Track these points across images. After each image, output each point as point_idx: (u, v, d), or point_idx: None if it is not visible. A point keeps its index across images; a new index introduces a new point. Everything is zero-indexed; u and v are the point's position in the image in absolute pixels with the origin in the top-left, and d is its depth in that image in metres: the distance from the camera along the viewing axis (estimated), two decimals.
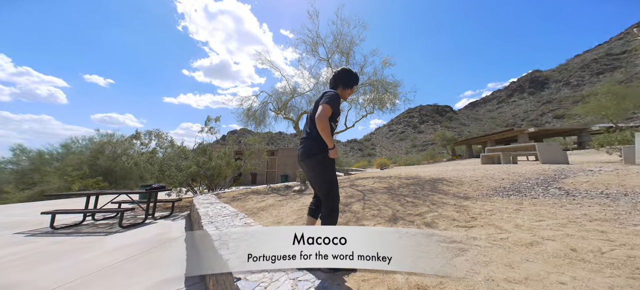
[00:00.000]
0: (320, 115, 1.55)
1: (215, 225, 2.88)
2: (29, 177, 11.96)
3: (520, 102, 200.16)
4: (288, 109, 8.28)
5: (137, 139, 7.12)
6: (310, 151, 1.67)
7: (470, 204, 3.20)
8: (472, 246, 1.83)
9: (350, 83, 1.81)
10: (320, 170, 1.66)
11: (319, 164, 1.66)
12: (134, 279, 2.48)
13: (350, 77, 1.80)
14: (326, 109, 1.57)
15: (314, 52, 7.50)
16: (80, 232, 4.47)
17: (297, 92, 8.20)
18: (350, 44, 7.20)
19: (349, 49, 7.19)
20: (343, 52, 7.23)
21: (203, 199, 5.57)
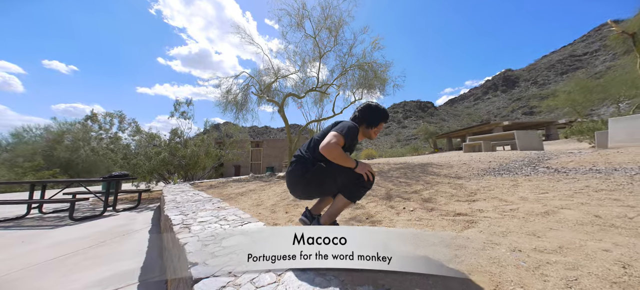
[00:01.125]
0: (330, 145, 1.21)
1: (180, 210, 2.43)
2: None
3: (494, 99, 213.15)
4: (272, 93, 7.72)
5: (93, 122, 6.15)
6: (304, 167, 1.33)
7: (464, 182, 3.03)
8: (481, 218, 1.59)
9: (376, 120, 1.42)
10: (325, 176, 1.30)
11: (319, 172, 1.30)
12: (74, 275, 2.00)
13: (378, 114, 1.41)
14: (337, 138, 1.24)
15: (299, 26, 6.93)
16: (22, 225, 3.76)
17: (280, 74, 7.65)
18: (340, 20, 6.74)
19: (338, 25, 6.74)
20: (331, 29, 6.75)
21: (175, 188, 4.98)
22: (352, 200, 1.29)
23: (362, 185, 1.27)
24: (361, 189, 1.28)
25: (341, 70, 7.42)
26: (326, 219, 1.32)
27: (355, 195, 1.28)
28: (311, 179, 1.30)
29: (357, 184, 1.26)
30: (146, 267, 2.14)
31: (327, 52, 7.27)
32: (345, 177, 1.27)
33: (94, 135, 6.09)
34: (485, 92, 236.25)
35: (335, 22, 6.74)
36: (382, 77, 7.31)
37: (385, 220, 1.73)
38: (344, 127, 1.30)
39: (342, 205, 1.30)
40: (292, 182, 1.39)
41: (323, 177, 1.30)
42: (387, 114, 1.45)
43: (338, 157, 1.22)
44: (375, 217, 1.83)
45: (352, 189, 1.27)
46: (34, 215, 4.52)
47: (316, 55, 7.26)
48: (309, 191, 1.37)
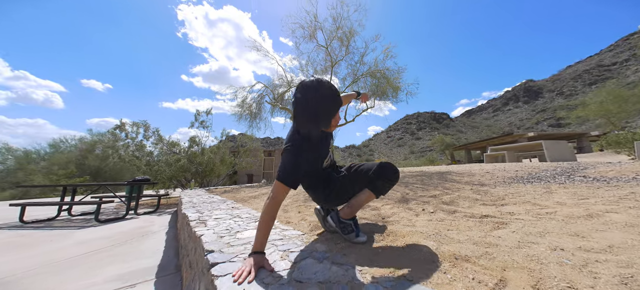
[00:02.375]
0: (272, 198, 0.99)
1: (196, 208, 2.48)
2: (14, 176, 11.36)
3: (515, 110, 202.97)
4: (285, 101, 7.91)
5: (122, 131, 6.63)
6: (328, 182, 1.27)
7: (489, 189, 2.84)
8: (512, 220, 1.45)
9: (335, 108, 1.06)
10: (352, 181, 1.23)
11: (346, 181, 1.24)
12: (97, 270, 2.07)
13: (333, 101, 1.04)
14: (279, 191, 1.00)
15: (312, 37, 7.16)
16: (52, 226, 4.01)
17: (293, 84, 7.86)
18: (351, 30, 6.89)
19: (349, 35, 6.87)
20: (343, 38, 6.90)
21: (191, 192, 5.14)
22: (377, 194, 1.21)
23: (389, 178, 1.16)
24: (388, 183, 1.18)
25: (353, 78, 7.49)
26: (348, 212, 1.25)
27: (381, 190, 1.20)
28: (341, 190, 1.24)
29: (384, 176, 1.15)
30: (163, 265, 2.17)
31: (338, 61, 7.41)
32: (374, 172, 1.16)
33: (122, 143, 6.55)
34: (505, 103, 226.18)
35: (346, 33, 6.90)
36: (395, 84, 7.25)
37: (403, 220, 1.63)
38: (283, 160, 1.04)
39: (365, 198, 1.22)
40: (323, 198, 1.29)
41: (346, 185, 1.24)
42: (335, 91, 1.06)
43: (261, 228, 0.97)
44: (391, 217, 1.74)
45: (382, 183, 1.17)
46: (64, 217, 4.82)
47: (328, 65, 7.41)
48: (334, 201, 1.29)
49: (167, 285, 1.78)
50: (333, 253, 1.05)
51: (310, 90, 0.99)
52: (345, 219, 1.25)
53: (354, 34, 7.03)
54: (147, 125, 6.81)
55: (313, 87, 1.00)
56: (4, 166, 12.64)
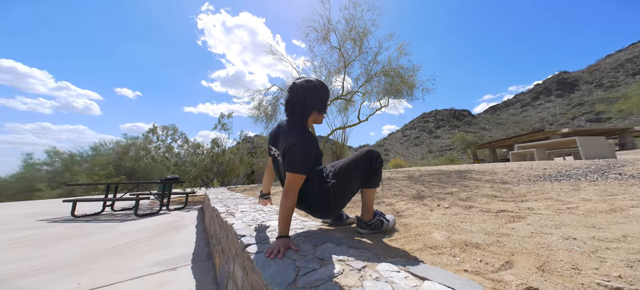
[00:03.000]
0: (289, 191, 1.07)
1: (223, 203, 2.71)
2: (61, 177, 12.82)
3: (547, 105, 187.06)
4: None
5: (154, 134, 7.31)
6: (322, 198, 1.24)
7: (511, 187, 2.76)
8: (529, 215, 1.46)
9: (326, 99, 1.22)
10: (344, 185, 1.23)
11: (337, 189, 1.23)
12: (142, 254, 2.37)
13: (324, 93, 1.19)
14: (297, 180, 1.08)
15: (325, 39, 7.30)
16: (98, 220, 4.52)
17: None
18: (364, 30, 6.92)
19: (363, 35, 6.91)
20: (356, 39, 6.95)
21: (215, 190, 5.49)
22: (376, 186, 1.30)
23: (377, 168, 1.24)
24: (378, 172, 1.27)
25: (366, 77, 7.50)
26: (368, 214, 1.29)
27: (377, 181, 1.29)
28: (336, 199, 1.24)
29: (371, 169, 1.23)
30: (196, 253, 2.41)
31: (351, 62, 7.46)
32: (362, 170, 1.23)
33: (153, 146, 7.19)
34: (535, 97, 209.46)
35: (359, 33, 6.95)
36: (410, 81, 7.14)
37: (417, 214, 1.70)
38: (300, 157, 1.08)
39: (371, 195, 1.31)
40: (324, 213, 1.33)
41: (345, 188, 1.24)
42: (327, 86, 1.23)
43: (286, 209, 1.07)
44: (405, 212, 1.81)
45: (373, 177, 1.26)
46: (108, 212, 5.39)
47: (341, 66, 7.50)
48: (337, 210, 1.33)
49: (202, 269, 2.00)
50: (350, 239, 1.17)
51: (302, 85, 1.17)
52: (371, 220, 1.28)
53: (367, 34, 7.05)
54: (175, 128, 7.43)
55: (304, 81, 1.18)
56: (53, 168, 14.26)
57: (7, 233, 3.48)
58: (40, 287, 1.73)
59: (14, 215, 5.26)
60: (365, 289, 0.69)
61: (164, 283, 1.82)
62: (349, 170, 1.23)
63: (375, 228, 1.28)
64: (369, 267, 0.84)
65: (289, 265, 0.88)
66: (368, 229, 1.28)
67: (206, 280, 1.86)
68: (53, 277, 1.88)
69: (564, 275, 0.73)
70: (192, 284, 1.77)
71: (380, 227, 1.28)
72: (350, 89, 8.44)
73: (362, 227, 1.30)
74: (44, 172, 13.37)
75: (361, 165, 1.22)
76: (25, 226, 3.95)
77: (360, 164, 1.22)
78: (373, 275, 0.77)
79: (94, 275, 1.91)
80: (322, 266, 0.86)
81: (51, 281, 1.80)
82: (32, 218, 4.77)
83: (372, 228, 1.28)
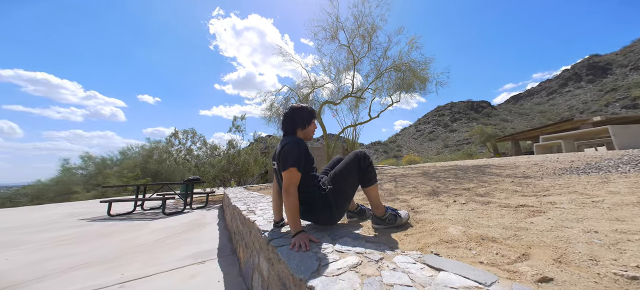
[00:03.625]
0: (288, 189, 1.18)
1: (243, 202, 2.87)
2: (94, 179, 13.93)
3: (576, 91, 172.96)
4: (309, 102, 8.21)
5: (175, 137, 7.78)
6: (321, 203, 1.31)
7: (534, 181, 2.67)
8: (551, 209, 1.44)
9: (308, 117, 1.40)
10: (342, 189, 1.31)
11: (334, 194, 1.31)
12: (174, 249, 2.59)
13: (306, 113, 1.40)
14: (293, 175, 1.19)
15: (334, 38, 7.30)
16: (131, 218, 4.91)
17: (317, 85, 8.09)
18: (373, 26, 6.83)
19: (371, 31, 6.82)
20: (365, 35, 6.88)
21: (233, 190, 5.74)
22: (375, 181, 1.36)
23: (366, 166, 1.33)
24: (371, 168, 1.34)
25: (376, 74, 7.41)
26: (379, 210, 1.35)
27: (373, 177, 1.35)
28: (337, 203, 1.31)
29: (361, 168, 1.32)
30: (221, 248, 2.58)
31: (361, 59, 7.40)
32: (354, 171, 1.31)
33: (175, 149, 7.65)
34: (562, 84, 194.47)
35: (368, 29, 6.86)
36: (422, 75, 6.95)
37: (433, 210, 1.71)
38: (291, 155, 1.21)
39: (375, 192, 1.37)
40: (320, 221, 1.37)
41: (341, 191, 1.31)
42: (314, 111, 1.45)
43: (291, 208, 1.15)
44: (420, 208, 1.83)
45: (368, 175, 1.33)
46: (138, 211, 5.82)
47: (350, 63, 7.46)
48: (340, 214, 1.37)
49: (228, 262, 2.16)
50: (366, 234, 1.23)
51: (291, 108, 1.43)
52: (384, 215, 1.34)
53: (376, 30, 6.96)
54: (194, 132, 7.84)
55: (292, 106, 1.44)
56: (87, 171, 15.50)
57: (54, 231, 3.89)
58: (86, 278, 1.96)
59: (58, 215, 5.84)
60: (384, 278, 0.75)
61: (195, 275, 1.99)
62: (342, 174, 1.33)
63: (389, 223, 1.33)
64: (386, 258, 0.90)
65: (311, 257, 0.96)
66: (382, 224, 1.33)
67: (232, 272, 2.01)
68: (96, 270, 2.11)
69: (581, 266, 0.75)
70: (220, 276, 1.92)
71: (394, 221, 1.33)
72: (360, 86, 8.40)
73: (376, 223, 1.36)
74: (79, 175, 14.61)
75: (351, 167, 1.32)
76: (69, 225, 4.38)
77: (351, 166, 1.32)
78: (390, 266, 0.83)
79: (134, 268, 2.12)
80: (342, 258, 0.93)
81: (95, 274, 2.03)
82: (74, 217, 5.28)
83: (386, 223, 1.33)
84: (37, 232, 3.89)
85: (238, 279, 1.86)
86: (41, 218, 5.51)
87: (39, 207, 8.48)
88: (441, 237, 1.11)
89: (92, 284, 1.85)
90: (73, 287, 1.82)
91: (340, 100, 8.22)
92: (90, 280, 1.92)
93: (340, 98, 8.27)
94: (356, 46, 7.23)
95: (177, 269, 2.09)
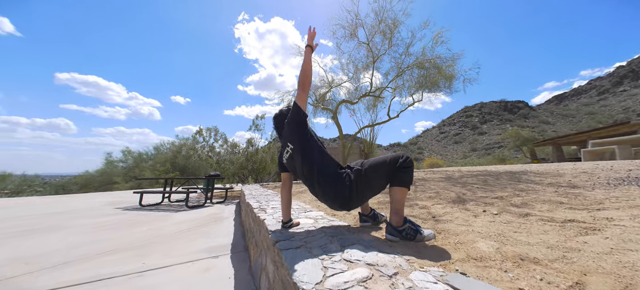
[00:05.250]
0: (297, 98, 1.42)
1: (256, 199, 2.88)
2: (132, 172, 15.35)
3: (634, 91, 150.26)
4: (326, 102, 8.10)
5: (200, 135, 8.24)
6: (342, 184, 1.27)
7: (583, 192, 2.30)
8: (608, 226, 1.19)
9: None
10: (369, 177, 1.25)
11: (361, 177, 1.26)
12: (192, 242, 2.69)
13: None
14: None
15: (353, 36, 7.07)
16: (159, 209, 5.26)
17: (334, 84, 7.94)
18: (394, 21, 6.48)
19: (393, 27, 6.48)
20: (385, 32, 6.55)
21: (250, 187, 5.88)
22: (407, 186, 1.21)
23: (408, 166, 1.20)
24: (409, 170, 1.21)
25: (397, 71, 7.04)
26: (397, 219, 1.19)
27: (406, 180, 1.21)
28: (358, 189, 1.26)
29: (400, 165, 1.20)
30: (234, 244, 2.62)
31: (381, 56, 7.09)
32: (390, 167, 1.21)
33: (199, 145, 8.11)
34: (617, 83, 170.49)
35: (389, 25, 6.52)
36: (448, 72, 6.41)
37: (458, 220, 1.53)
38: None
39: (401, 196, 1.21)
40: (338, 200, 1.30)
41: (368, 178, 1.25)
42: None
43: (302, 68, 1.42)
44: (443, 217, 1.65)
45: (401, 174, 1.20)
46: (166, 203, 6.22)
47: (369, 61, 7.19)
48: (358, 201, 1.30)
49: (239, 259, 2.17)
50: (379, 243, 1.11)
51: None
52: (401, 226, 1.18)
53: (397, 25, 6.59)
54: (216, 130, 8.22)
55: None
56: (126, 164, 17.12)
57: (94, 217, 4.30)
58: (113, 264, 2.09)
59: (99, 203, 6.48)
60: None
61: (209, 268, 2.02)
62: (376, 165, 1.25)
63: (407, 237, 1.15)
64: (401, 274, 0.79)
65: (317, 265, 0.88)
66: (398, 237, 1.17)
67: (242, 268, 2.01)
68: (122, 257, 2.25)
69: None
70: (231, 272, 1.93)
71: (413, 237, 1.15)
72: (379, 85, 8.09)
73: (391, 233, 1.19)
74: (120, 167, 16.23)
75: (390, 162, 1.23)
76: (106, 213, 4.82)
77: (389, 161, 1.23)
78: (406, 284, 0.72)
79: (155, 257, 2.22)
80: (350, 268, 0.84)
81: (121, 261, 2.16)
82: (111, 206, 5.81)
83: (402, 236, 1.16)
84: (79, 217, 4.33)
85: (247, 277, 1.85)
86: (84, 205, 6.16)
87: (85, 195, 9.52)
88: (469, 253, 0.96)
89: (117, 270, 1.96)
90: (101, 271, 1.96)
91: (357, 100, 7.99)
92: (116, 266, 2.05)
93: (357, 97, 8.05)
94: (376, 43, 6.95)
95: (192, 261, 2.14)
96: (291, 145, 1.36)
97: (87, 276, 1.87)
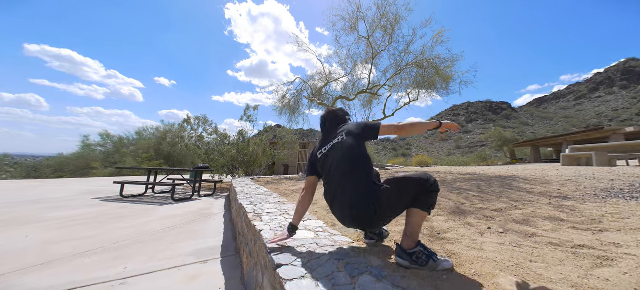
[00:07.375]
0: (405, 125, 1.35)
1: (249, 200, 2.73)
2: (112, 157, 14.52)
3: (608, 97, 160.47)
4: (323, 96, 7.92)
5: (188, 124, 7.83)
6: (369, 197, 1.16)
7: (576, 204, 2.35)
8: (620, 256, 1.17)
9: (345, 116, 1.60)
10: (395, 196, 1.15)
11: (389, 195, 1.15)
12: (178, 242, 2.52)
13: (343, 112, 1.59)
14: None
15: (353, 29, 6.86)
16: (142, 201, 4.97)
17: (331, 78, 7.75)
18: (396, 16, 6.32)
19: (394, 22, 6.32)
20: (386, 27, 6.39)
21: (240, 181, 5.68)
22: (428, 211, 1.13)
23: (434, 190, 1.13)
24: (434, 195, 1.14)
25: (395, 69, 6.94)
26: (410, 242, 1.10)
27: (430, 204, 1.13)
28: (383, 207, 1.14)
29: (430, 189, 1.12)
30: (225, 246, 2.48)
31: (380, 52, 6.96)
32: (417, 187, 1.12)
33: (186, 134, 7.72)
34: (593, 89, 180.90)
35: (391, 20, 6.36)
36: (446, 73, 6.41)
37: (465, 240, 1.48)
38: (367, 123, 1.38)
39: (419, 219, 1.13)
40: (355, 218, 1.19)
41: (395, 196, 1.15)
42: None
43: (418, 126, 1.33)
44: (448, 234, 1.60)
45: (426, 197, 1.12)
46: (149, 194, 5.91)
47: (368, 57, 7.03)
48: (380, 221, 1.18)
49: (230, 265, 2.04)
50: (391, 271, 1.02)
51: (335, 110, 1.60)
52: (412, 249, 1.09)
53: (399, 21, 6.44)
54: (206, 119, 7.86)
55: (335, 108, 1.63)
56: (105, 149, 16.17)
57: (68, 210, 3.96)
58: (90, 268, 1.89)
59: (75, 191, 6.04)
60: None
61: (197, 276, 1.88)
62: (405, 182, 1.16)
63: (417, 262, 1.05)
64: None
65: None
66: (408, 261, 1.07)
67: (234, 277, 1.88)
68: (101, 259, 2.05)
69: None
70: (221, 282, 1.80)
71: (425, 263, 1.05)
72: (376, 82, 7.99)
73: (401, 257, 1.09)
74: (98, 152, 15.29)
75: (418, 181, 1.14)
76: (83, 204, 4.47)
77: (417, 180, 1.15)
78: None
79: (138, 261, 2.04)
80: None
81: (100, 264, 1.96)
82: (88, 196, 5.42)
83: (413, 260, 1.06)
84: (53, 208, 3.98)
85: (240, 288, 1.73)
86: (59, 193, 5.72)
87: (59, 181, 8.89)
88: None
89: (95, 277, 1.78)
90: (76, 277, 1.76)
91: (354, 97, 7.86)
92: (93, 271, 1.86)
93: (354, 94, 7.91)
94: (376, 38, 6.77)
95: (178, 267, 1.99)
96: (345, 138, 1.28)
97: (59, 283, 1.67)
